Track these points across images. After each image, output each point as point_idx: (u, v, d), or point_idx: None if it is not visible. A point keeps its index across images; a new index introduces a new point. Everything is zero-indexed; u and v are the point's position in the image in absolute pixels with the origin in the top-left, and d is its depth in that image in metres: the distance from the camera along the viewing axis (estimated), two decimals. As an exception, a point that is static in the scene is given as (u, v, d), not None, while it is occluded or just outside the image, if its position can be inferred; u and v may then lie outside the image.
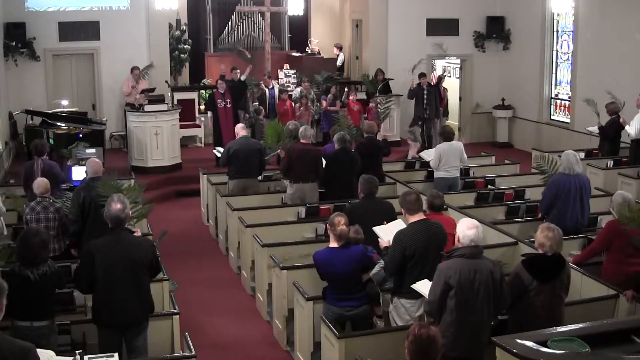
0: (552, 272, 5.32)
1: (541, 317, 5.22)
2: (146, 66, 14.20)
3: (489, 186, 10.19)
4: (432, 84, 14.93)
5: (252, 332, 7.51)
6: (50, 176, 8.23)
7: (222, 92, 13.53)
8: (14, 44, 14.17)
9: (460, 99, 17.38)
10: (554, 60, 15.85)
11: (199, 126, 15.33)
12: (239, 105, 13.98)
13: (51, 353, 4.80)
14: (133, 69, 14.47)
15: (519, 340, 4.66)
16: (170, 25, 16.44)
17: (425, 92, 14.62)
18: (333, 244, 5.92)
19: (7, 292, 3.93)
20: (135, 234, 5.90)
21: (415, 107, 14.85)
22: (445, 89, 15.60)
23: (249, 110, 14.17)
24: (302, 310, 6.35)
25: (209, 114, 13.76)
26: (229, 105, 13.49)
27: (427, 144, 14.56)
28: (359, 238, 6.18)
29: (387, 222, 6.31)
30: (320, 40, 18.67)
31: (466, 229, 5.12)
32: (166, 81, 15.09)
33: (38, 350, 4.73)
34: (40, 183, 7.46)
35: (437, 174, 9.98)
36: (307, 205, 8.88)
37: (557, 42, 15.75)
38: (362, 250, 5.99)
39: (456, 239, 5.22)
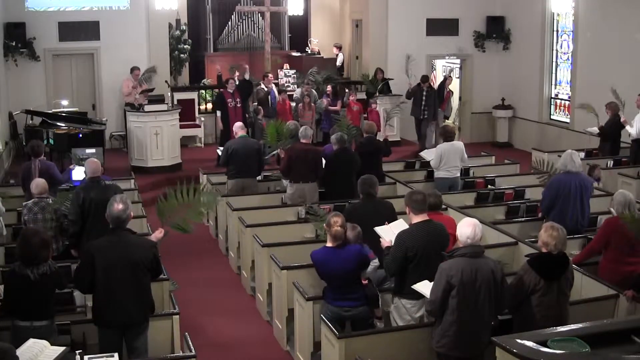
0: (558, 270, 5.35)
1: (548, 316, 5.25)
2: (148, 69, 14.08)
3: (489, 186, 10.19)
4: (432, 85, 14.95)
5: (252, 332, 7.50)
6: (48, 177, 8.23)
7: (231, 91, 13.53)
8: (14, 44, 14.17)
9: (460, 98, 17.38)
10: (554, 60, 15.86)
11: (199, 126, 15.33)
12: (246, 104, 14.01)
13: (45, 343, 4.82)
14: (133, 69, 14.46)
15: (519, 340, 4.66)
16: (170, 25, 16.43)
17: (424, 93, 14.64)
18: (329, 243, 5.94)
19: None
20: (158, 233, 5.85)
21: (413, 107, 14.87)
22: (450, 92, 15.60)
23: (248, 110, 14.17)
24: (302, 310, 6.35)
25: (218, 113, 13.75)
26: (239, 105, 13.50)
27: (421, 144, 14.60)
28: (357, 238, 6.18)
29: (388, 223, 6.31)
30: (320, 40, 18.67)
31: (463, 227, 5.15)
32: (166, 81, 15.09)
33: (33, 340, 4.78)
34: (39, 183, 7.46)
35: (437, 174, 9.98)
36: (307, 205, 8.88)
37: (557, 42, 15.75)
38: (359, 248, 5.99)
39: (456, 239, 5.23)
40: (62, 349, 4.83)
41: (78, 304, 6.15)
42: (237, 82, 14.07)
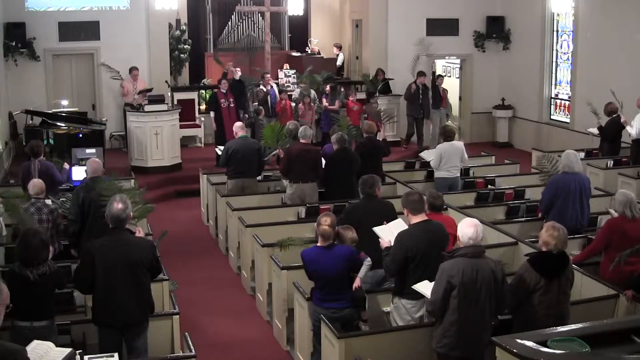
0: (558, 269, 5.36)
1: (549, 315, 5.26)
2: (146, 90, 14.07)
3: (489, 186, 10.19)
4: (426, 84, 14.96)
5: (252, 332, 7.51)
6: (47, 177, 8.21)
7: (224, 91, 13.54)
8: (14, 44, 14.16)
9: (460, 99, 17.38)
10: (554, 60, 15.85)
11: (199, 126, 15.33)
12: (240, 104, 13.99)
13: (50, 344, 4.80)
14: (131, 69, 14.47)
15: (519, 340, 4.66)
16: (170, 25, 16.42)
17: (420, 91, 14.68)
18: (319, 243, 5.96)
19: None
20: (137, 233, 5.89)
21: (409, 106, 14.88)
22: (445, 90, 15.60)
23: (248, 110, 14.17)
24: (302, 310, 6.35)
25: (212, 113, 13.76)
26: (232, 105, 13.52)
27: (414, 142, 14.65)
28: (354, 238, 6.16)
29: (388, 222, 6.30)
30: (320, 40, 18.66)
31: (465, 227, 5.14)
32: (166, 81, 15.09)
33: (37, 342, 4.76)
34: (36, 184, 7.44)
35: (437, 174, 9.98)
36: (307, 205, 8.89)
37: (557, 42, 15.75)
38: (351, 249, 5.98)
39: (457, 239, 5.23)
40: (68, 350, 4.81)
41: (78, 304, 6.15)
42: (239, 79, 14.07)
